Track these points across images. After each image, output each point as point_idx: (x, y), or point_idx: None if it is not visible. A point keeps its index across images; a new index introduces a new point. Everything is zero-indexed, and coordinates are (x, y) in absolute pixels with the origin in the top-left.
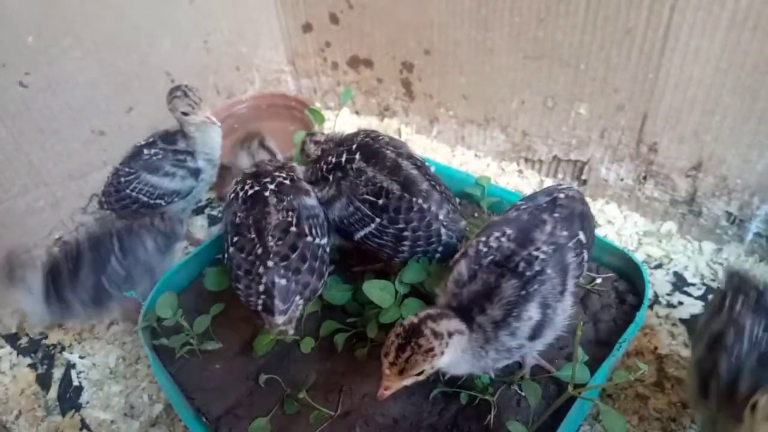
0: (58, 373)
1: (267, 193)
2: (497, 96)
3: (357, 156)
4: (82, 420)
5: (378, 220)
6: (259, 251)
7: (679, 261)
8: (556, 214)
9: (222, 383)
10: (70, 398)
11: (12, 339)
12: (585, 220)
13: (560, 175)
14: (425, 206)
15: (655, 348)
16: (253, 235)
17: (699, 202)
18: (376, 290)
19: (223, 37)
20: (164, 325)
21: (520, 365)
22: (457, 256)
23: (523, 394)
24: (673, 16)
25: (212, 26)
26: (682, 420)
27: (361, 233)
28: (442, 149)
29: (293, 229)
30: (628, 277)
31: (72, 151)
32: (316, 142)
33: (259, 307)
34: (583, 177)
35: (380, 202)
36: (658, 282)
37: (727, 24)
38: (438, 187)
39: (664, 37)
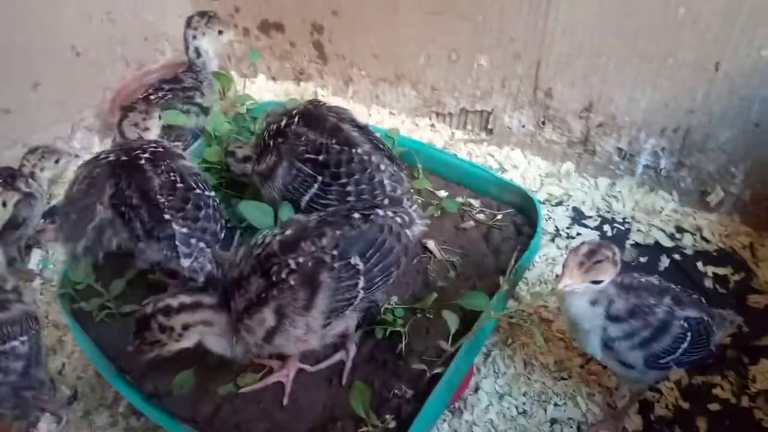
0: None
1: (142, 161)
2: (405, 53)
3: (296, 119)
4: None
5: (320, 178)
6: (152, 212)
7: (577, 197)
8: (339, 232)
9: None
10: None
11: None
12: (374, 246)
13: (469, 127)
14: (365, 158)
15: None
16: (137, 202)
17: (592, 142)
18: (255, 211)
19: (128, 6)
20: (83, 293)
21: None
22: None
23: (431, 321)
24: None
25: None
26: None
27: (306, 197)
28: (359, 109)
29: (180, 185)
30: (525, 211)
31: None
32: (239, 159)
33: (167, 260)
34: (489, 126)
35: (321, 158)
36: (558, 217)
37: None
38: (381, 147)
39: None
